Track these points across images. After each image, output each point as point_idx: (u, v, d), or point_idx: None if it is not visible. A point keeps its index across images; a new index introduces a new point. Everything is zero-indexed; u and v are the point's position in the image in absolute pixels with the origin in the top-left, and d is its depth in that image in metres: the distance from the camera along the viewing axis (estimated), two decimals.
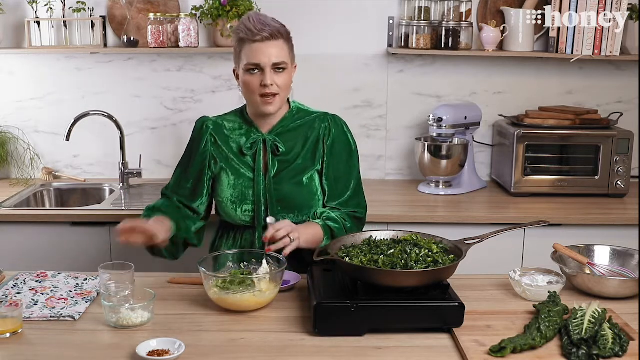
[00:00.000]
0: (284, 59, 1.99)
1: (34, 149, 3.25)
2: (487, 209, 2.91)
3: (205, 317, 1.75)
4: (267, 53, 1.97)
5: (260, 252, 1.92)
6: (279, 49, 1.98)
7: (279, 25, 2.02)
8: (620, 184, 2.99)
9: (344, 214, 2.10)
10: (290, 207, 2.07)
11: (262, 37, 1.96)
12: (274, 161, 2.07)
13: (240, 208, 2.07)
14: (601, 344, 1.53)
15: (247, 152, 2.07)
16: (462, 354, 1.55)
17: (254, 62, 1.97)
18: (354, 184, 2.14)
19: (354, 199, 2.14)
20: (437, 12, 3.10)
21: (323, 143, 2.10)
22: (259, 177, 2.06)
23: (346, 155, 2.13)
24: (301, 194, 2.08)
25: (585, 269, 1.97)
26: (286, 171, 2.07)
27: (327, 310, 1.62)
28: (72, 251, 2.73)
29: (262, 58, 1.97)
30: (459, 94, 3.26)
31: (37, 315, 1.72)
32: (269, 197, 2.06)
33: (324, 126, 2.11)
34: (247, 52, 1.98)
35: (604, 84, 3.25)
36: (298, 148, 2.09)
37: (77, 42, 3.10)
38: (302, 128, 2.10)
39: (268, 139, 2.07)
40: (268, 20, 2.00)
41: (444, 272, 1.68)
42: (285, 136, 2.09)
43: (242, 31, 1.99)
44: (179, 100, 3.24)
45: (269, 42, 1.96)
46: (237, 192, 2.07)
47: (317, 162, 2.10)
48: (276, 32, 1.98)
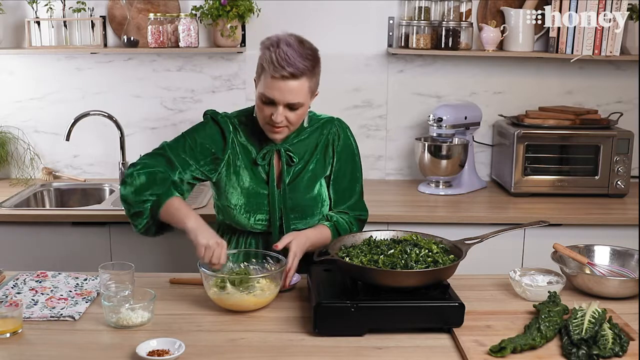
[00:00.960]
0: (299, 100, 1.91)
1: (34, 149, 3.25)
2: (487, 209, 2.91)
3: (205, 317, 1.74)
4: (283, 92, 1.88)
5: (260, 253, 1.93)
6: (297, 88, 1.89)
7: (305, 60, 1.88)
8: (620, 184, 2.99)
9: (352, 218, 2.11)
10: (304, 215, 2.07)
11: (282, 76, 1.86)
12: (288, 170, 2.05)
13: (254, 217, 2.03)
14: (601, 344, 1.53)
15: (260, 162, 2.03)
16: (462, 354, 1.55)
17: (268, 97, 1.90)
18: (359, 188, 2.16)
19: (359, 202, 2.15)
20: (437, 12, 3.10)
21: (333, 148, 2.09)
22: (273, 187, 2.04)
23: (352, 160, 2.13)
24: (314, 202, 2.07)
25: (585, 269, 1.97)
26: (299, 180, 2.06)
27: (327, 310, 1.62)
28: (72, 251, 2.73)
29: (278, 96, 1.88)
30: (459, 94, 3.26)
31: (37, 315, 1.72)
32: (283, 207, 2.04)
33: (332, 131, 2.10)
34: (265, 82, 1.89)
35: (604, 84, 3.25)
36: (309, 155, 2.07)
37: (77, 42, 3.10)
38: (312, 135, 2.09)
39: (282, 149, 2.04)
40: (296, 55, 1.86)
41: (444, 272, 1.68)
42: (297, 145, 2.06)
43: (265, 60, 1.88)
44: (179, 100, 3.24)
45: (288, 81, 1.87)
46: (252, 201, 2.03)
47: (327, 168, 2.10)
48: (298, 72, 1.86)
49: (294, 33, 1.95)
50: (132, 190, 1.93)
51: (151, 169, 1.95)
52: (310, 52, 1.92)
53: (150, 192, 1.92)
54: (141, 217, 1.95)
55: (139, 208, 1.93)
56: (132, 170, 1.96)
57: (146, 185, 1.92)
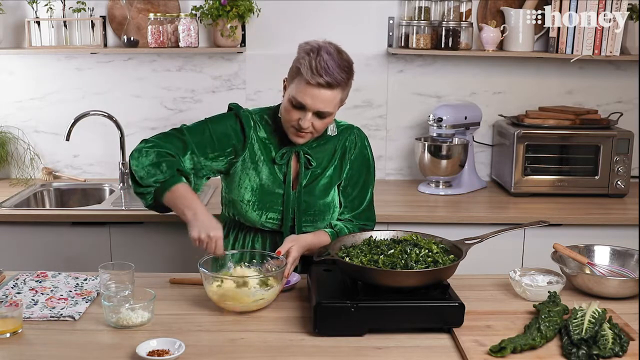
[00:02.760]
0: (329, 109, 1.92)
1: (34, 149, 3.25)
2: (487, 209, 2.91)
3: (205, 317, 1.75)
4: (316, 99, 1.89)
5: (260, 253, 1.93)
6: (329, 98, 1.90)
7: (343, 72, 1.90)
8: (620, 184, 2.99)
9: (355, 227, 2.11)
10: (315, 219, 2.07)
11: (318, 83, 1.86)
12: (305, 173, 2.06)
13: (266, 215, 2.03)
14: (601, 344, 1.53)
15: (279, 161, 2.03)
16: (462, 354, 1.55)
17: (300, 102, 1.90)
18: (369, 198, 2.15)
19: (366, 212, 2.15)
20: (437, 12, 3.10)
21: (348, 156, 2.10)
22: (289, 188, 2.04)
23: (365, 170, 2.13)
24: (327, 208, 2.08)
25: (585, 269, 1.97)
26: (316, 184, 2.06)
27: (327, 310, 1.62)
28: (72, 251, 2.73)
29: (309, 102, 1.89)
30: (459, 94, 3.26)
31: (37, 315, 1.72)
32: (297, 209, 2.04)
33: (350, 139, 2.11)
34: (298, 86, 1.90)
35: (604, 84, 3.25)
36: (327, 161, 2.08)
37: (77, 42, 3.10)
38: (331, 141, 2.09)
39: (301, 151, 2.04)
40: (335, 65, 1.87)
41: (444, 272, 1.68)
42: (316, 149, 2.07)
43: (304, 65, 1.88)
44: (179, 100, 3.24)
45: (322, 90, 1.88)
46: (265, 199, 2.03)
47: (342, 175, 2.10)
48: (335, 82, 1.88)
49: (332, 42, 1.95)
50: (137, 165, 1.90)
51: (161, 149, 1.93)
52: (347, 63, 1.93)
53: (154, 179, 1.89)
54: (145, 198, 1.94)
55: (143, 190, 1.92)
56: (142, 145, 1.95)
57: (152, 167, 1.89)
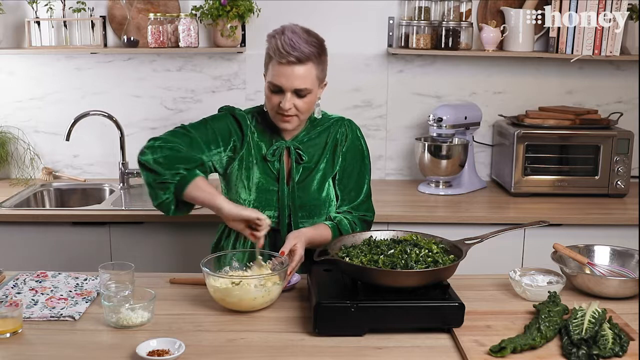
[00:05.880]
0: (307, 85, 1.92)
1: (34, 149, 3.25)
2: (487, 209, 2.91)
3: (205, 317, 1.75)
4: (290, 77, 1.90)
5: (265, 253, 1.92)
6: (304, 74, 1.91)
7: (311, 46, 1.91)
8: (620, 184, 2.99)
9: (355, 218, 2.11)
10: (311, 214, 2.08)
11: (288, 61, 1.88)
12: (298, 168, 2.06)
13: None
14: (601, 344, 1.53)
15: (270, 158, 2.04)
16: (462, 354, 1.55)
17: (276, 84, 1.92)
18: (366, 189, 2.16)
19: (365, 203, 2.15)
20: (437, 12, 3.10)
21: (340, 148, 2.10)
22: (283, 184, 2.05)
23: (359, 161, 2.14)
24: (322, 202, 2.09)
25: (585, 269, 1.97)
26: (310, 179, 2.07)
27: (327, 310, 1.62)
28: (72, 251, 2.73)
29: (284, 82, 1.91)
30: (459, 94, 3.26)
31: (37, 315, 1.72)
32: (292, 205, 2.05)
33: (341, 131, 2.11)
34: (272, 70, 1.93)
35: (604, 84, 3.25)
36: (318, 155, 2.09)
37: (77, 42, 3.10)
38: (322, 134, 2.10)
39: (292, 146, 2.05)
40: (301, 41, 1.89)
41: (444, 272, 1.68)
42: (307, 144, 2.07)
43: (271, 48, 1.92)
44: (179, 100, 3.24)
45: (294, 66, 1.89)
46: (261, 197, 2.04)
47: (335, 167, 2.11)
48: (303, 55, 1.89)
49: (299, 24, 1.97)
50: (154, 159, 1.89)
51: (173, 144, 1.93)
52: (315, 40, 1.94)
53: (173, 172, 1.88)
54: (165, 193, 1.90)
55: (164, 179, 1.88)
56: (152, 142, 1.94)
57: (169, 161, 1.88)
